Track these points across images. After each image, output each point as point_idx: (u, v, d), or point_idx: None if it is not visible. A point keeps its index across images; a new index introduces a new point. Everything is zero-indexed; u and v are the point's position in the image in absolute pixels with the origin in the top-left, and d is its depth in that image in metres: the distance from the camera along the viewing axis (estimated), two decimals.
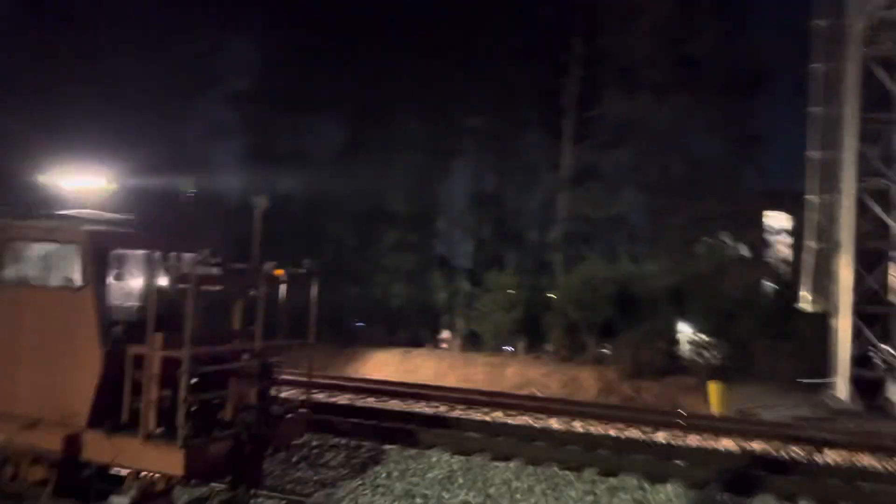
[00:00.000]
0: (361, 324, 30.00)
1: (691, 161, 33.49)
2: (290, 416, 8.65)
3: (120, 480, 7.64)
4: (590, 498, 8.82)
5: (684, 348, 24.78)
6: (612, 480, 9.34)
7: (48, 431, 7.46)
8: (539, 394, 19.66)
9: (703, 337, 24.74)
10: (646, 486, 9.15)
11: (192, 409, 7.19)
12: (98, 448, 7.39)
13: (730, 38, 33.17)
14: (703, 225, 33.40)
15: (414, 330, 28.29)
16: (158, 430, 7.23)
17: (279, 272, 8.18)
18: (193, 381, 7.17)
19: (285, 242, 16.13)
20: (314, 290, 9.06)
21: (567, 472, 9.57)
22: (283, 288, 8.69)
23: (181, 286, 7.57)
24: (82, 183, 13.22)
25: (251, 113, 33.53)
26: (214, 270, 7.67)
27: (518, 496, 8.85)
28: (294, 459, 9.59)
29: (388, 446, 10.26)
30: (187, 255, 8.20)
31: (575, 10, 33.15)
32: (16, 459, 7.77)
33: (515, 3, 33.43)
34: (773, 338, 22.63)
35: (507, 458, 10.12)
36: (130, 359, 7.38)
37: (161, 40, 29.84)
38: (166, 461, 7.13)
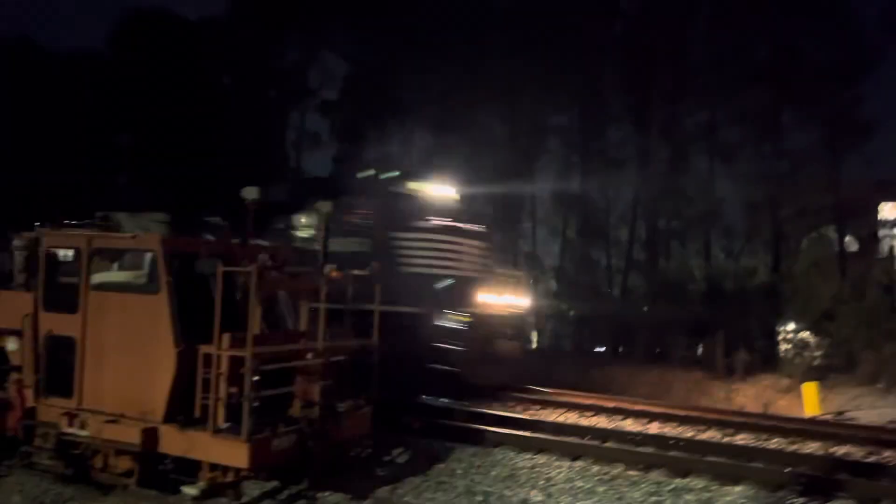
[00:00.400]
0: None
1: (790, 151, 32.02)
2: (354, 412, 8.99)
3: (196, 472, 8.15)
4: (654, 499, 8.68)
5: (782, 348, 23.73)
6: (678, 481, 9.15)
7: (130, 426, 8.07)
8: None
9: (803, 336, 23.64)
10: (713, 487, 8.91)
11: (256, 405, 7.59)
12: (173, 441, 7.94)
13: (829, 22, 31.53)
14: (805, 218, 31.84)
15: None
16: (226, 425, 7.68)
17: (337, 274, 8.50)
18: (256, 378, 7.57)
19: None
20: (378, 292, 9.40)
21: (633, 473, 9.43)
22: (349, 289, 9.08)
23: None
24: (438, 191, 14.23)
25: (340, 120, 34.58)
26: (275, 274, 8.07)
27: (581, 495, 8.81)
28: (357, 455, 9.86)
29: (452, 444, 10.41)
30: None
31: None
32: (104, 451, 8.43)
33: None
34: (879, 337, 21.35)
35: (574, 458, 10.08)
36: (201, 358, 7.87)
37: None
38: (232, 454, 7.58)
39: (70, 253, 8.96)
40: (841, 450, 11.38)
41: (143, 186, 32.46)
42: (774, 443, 11.78)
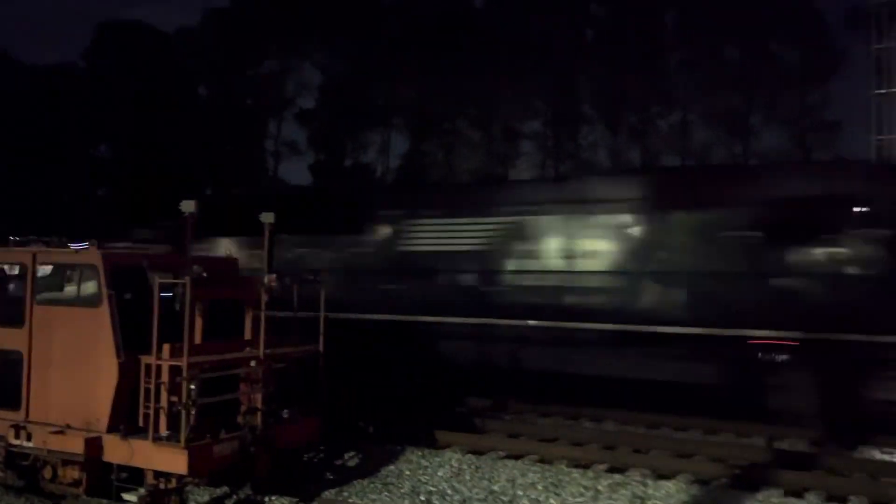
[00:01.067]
0: None
1: (762, 151, 32.41)
2: (300, 419, 9.21)
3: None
4: (590, 493, 8.94)
5: None
6: (617, 476, 9.42)
7: (74, 436, 8.29)
8: None
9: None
10: (648, 482, 9.18)
11: (194, 412, 7.80)
12: (116, 450, 8.15)
13: (799, 22, 31.95)
14: None
15: None
16: (166, 433, 7.90)
17: (273, 282, 8.72)
18: (193, 387, 7.79)
19: None
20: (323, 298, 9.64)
21: (573, 469, 9.70)
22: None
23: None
24: None
25: (317, 130, 34.87)
26: (211, 283, 8.28)
27: (520, 492, 9.07)
28: (308, 460, 10.09)
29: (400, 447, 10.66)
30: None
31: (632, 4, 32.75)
32: (52, 462, 8.63)
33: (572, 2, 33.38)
34: None
35: (517, 457, 10.35)
36: (143, 368, 8.09)
37: None
38: (172, 461, 7.80)
39: (48, 268, 9.10)
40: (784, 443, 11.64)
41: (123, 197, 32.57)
42: None
